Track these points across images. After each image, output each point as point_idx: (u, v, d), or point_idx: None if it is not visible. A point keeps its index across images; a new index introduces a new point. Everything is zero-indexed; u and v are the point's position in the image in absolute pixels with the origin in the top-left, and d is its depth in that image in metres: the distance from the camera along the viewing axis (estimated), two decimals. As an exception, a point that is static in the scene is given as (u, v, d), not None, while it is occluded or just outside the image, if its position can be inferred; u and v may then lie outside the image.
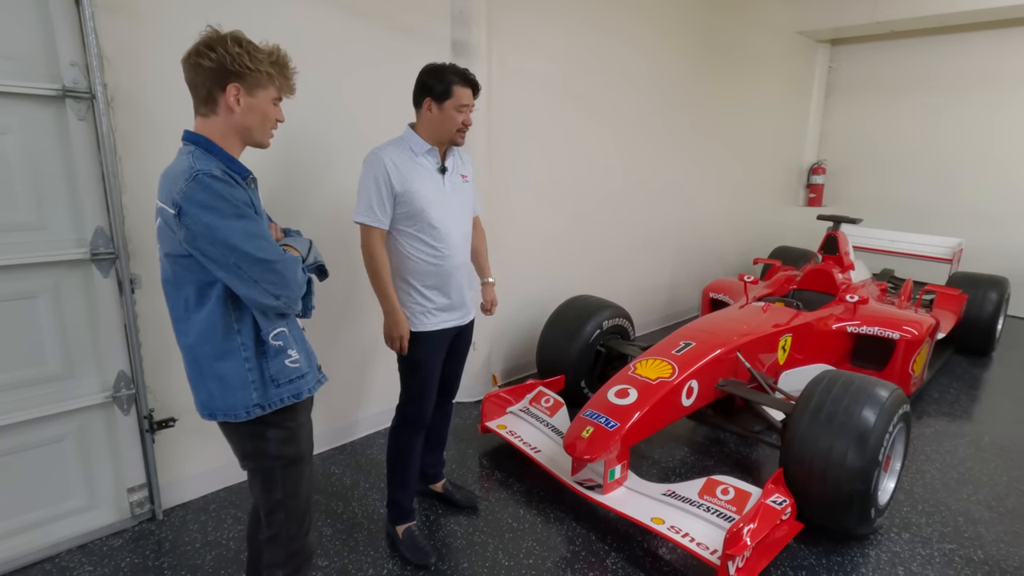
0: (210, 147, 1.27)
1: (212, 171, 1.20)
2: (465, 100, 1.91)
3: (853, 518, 2.14)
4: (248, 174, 1.33)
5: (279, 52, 1.34)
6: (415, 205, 1.92)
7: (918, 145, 6.07)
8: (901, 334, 3.22)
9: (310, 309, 1.42)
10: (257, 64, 1.27)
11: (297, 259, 1.32)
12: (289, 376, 1.35)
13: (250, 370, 1.30)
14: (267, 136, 1.38)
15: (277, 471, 1.39)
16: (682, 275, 5.23)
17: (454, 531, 2.30)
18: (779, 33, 5.79)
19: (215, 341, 1.28)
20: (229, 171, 1.24)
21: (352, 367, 2.92)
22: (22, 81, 1.80)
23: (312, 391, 1.42)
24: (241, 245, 1.20)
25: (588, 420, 2.33)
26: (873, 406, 2.14)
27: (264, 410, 1.32)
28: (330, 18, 2.50)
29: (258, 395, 1.31)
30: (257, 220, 1.24)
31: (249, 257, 1.20)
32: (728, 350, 2.73)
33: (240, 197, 1.22)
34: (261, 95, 1.31)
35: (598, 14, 3.78)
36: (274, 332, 1.32)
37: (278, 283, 1.25)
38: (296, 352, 1.36)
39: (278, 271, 1.24)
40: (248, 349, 1.30)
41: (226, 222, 1.19)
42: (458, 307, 2.09)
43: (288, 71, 1.35)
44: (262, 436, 1.36)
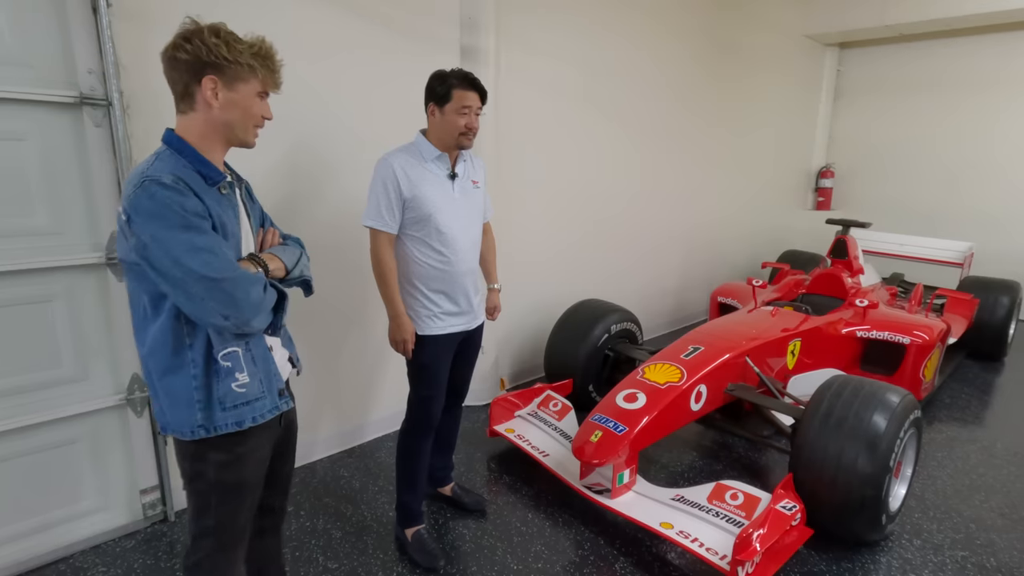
0: (181, 148, 1.20)
1: (161, 178, 1.11)
2: (466, 102, 1.90)
3: (864, 524, 2.13)
4: (221, 179, 1.23)
5: (263, 43, 1.24)
6: (423, 210, 1.93)
7: (927, 148, 6.04)
8: (912, 339, 3.20)
9: (279, 328, 1.31)
10: (236, 55, 1.19)
11: (253, 277, 1.20)
12: (235, 401, 1.25)
13: (197, 388, 1.22)
14: (251, 134, 1.29)
15: (213, 496, 1.29)
16: (690, 279, 5.22)
17: (463, 535, 2.30)
18: (787, 36, 5.78)
19: (165, 355, 1.21)
20: (182, 179, 1.13)
21: (361, 370, 2.93)
22: (41, 88, 1.84)
23: (261, 419, 1.29)
24: (185, 259, 1.10)
25: (597, 424, 2.33)
26: (884, 411, 2.12)
27: (208, 432, 1.23)
28: (341, 24, 2.53)
29: (203, 416, 1.23)
30: (206, 233, 1.14)
31: (193, 273, 1.11)
32: (737, 355, 2.73)
33: (191, 207, 1.12)
34: (242, 89, 1.22)
35: (606, 19, 3.79)
36: (224, 351, 1.23)
37: (225, 302, 1.14)
38: (246, 376, 1.26)
39: (226, 290, 1.13)
40: (197, 366, 1.21)
41: (170, 233, 1.10)
42: (465, 312, 2.09)
43: (273, 63, 1.26)
44: (203, 458, 1.27)
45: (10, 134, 1.82)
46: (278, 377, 1.36)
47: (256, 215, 1.41)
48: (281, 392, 1.36)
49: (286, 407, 1.37)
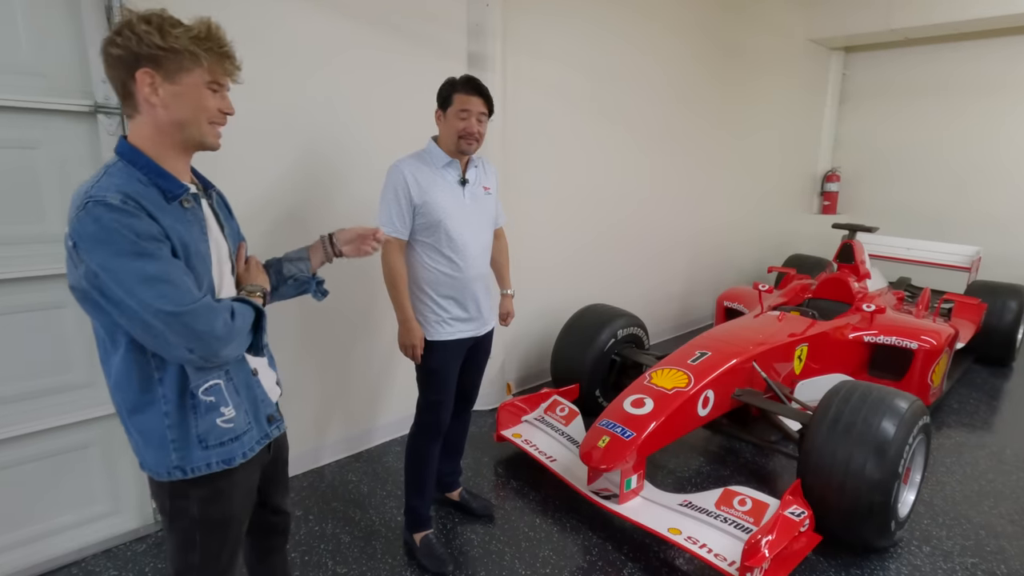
0: (135, 158, 1.06)
1: (107, 198, 0.97)
2: (465, 106, 1.91)
3: (873, 530, 2.13)
4: (182, 192, 1.09)
5: (207, 26, 1.08)
6: (433, 216, 1.95)
7: (934, 152, 6.03)
8: (920, 344, 3.20)
9: (262, 348, 1.20)
10: (172, 41, 1.03)
11: (215, 306, 1.06)
12: (220, 438, 1.14)
13: (170, 427, 1.11)
14: (208, 133, 1.12)
15: (197, 533, 1.20)
16: (696, 283, 5.22)
17: (471, 539, 2.31)
18: (792, 40, 5.79)
19: (131, 391, 1.09)
20: (131, 197, 1.00)
21: (369, 375, 2.95)
22: (56, 97, 1.86)
23: (251, 453, 1.21)
24: (138, 291, 0.98)
25: (604, 430, 2.33)
26: (892, 417, 2.12)
27: (186, 474, 1.13)
28: (350, 32, 2.55)
29: (178, 456, 1.12)
30: (161, 259, 1.00)
31: (148, 306, 0.98)
32: (744, 360, 2.73)
33: (143, 230, 0.99)
34: (185, 80, 1.06)
35: (612, 25, 3.81)
36: (206, 385, 1.12)
37: (187, 336, 1.01)
38: (231, 409, 1.16)
39: (186, 323, 1.01)
40: (170, 403, 1.10)
41: (120, 261, 0.97)
42: (475, 318, 2.11)
43: (221, 46, 1.09)
44: (184, 494, 1.16)
45: (25, 142, 1.85)
46: (266, 402, 1.26)
47: (233, 228, 1.30)
48: (271, 418, 1.27)
49: (277, 433, 1.28)
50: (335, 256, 1.46)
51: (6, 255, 1.87)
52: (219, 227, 1.23)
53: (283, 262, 1.42)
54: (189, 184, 1.14)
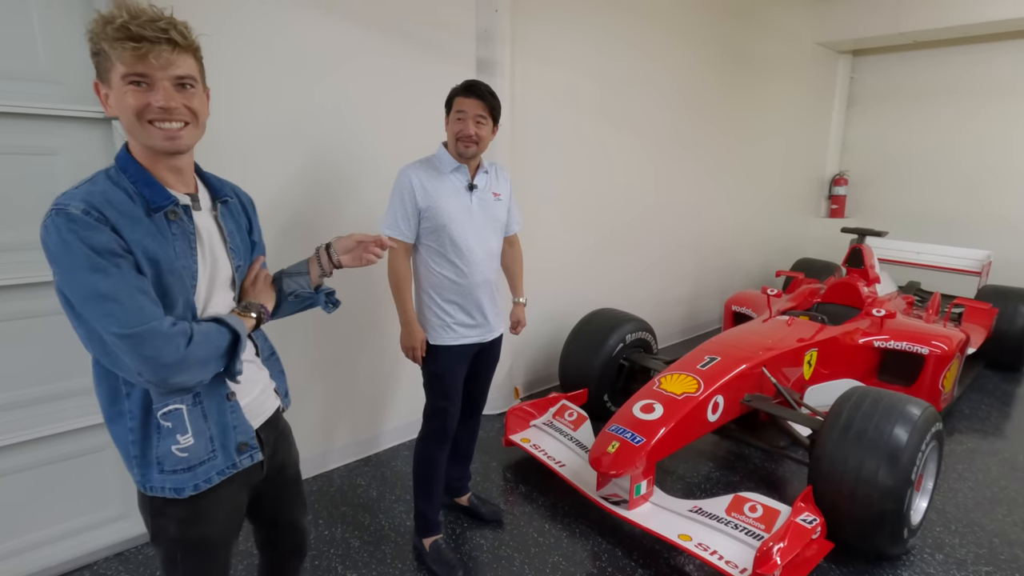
0: (126, 165, 1.03)
1: (69, 208, 0.94)
2: (461, 107, 1.92)
3: (885, 538, 2.11)
4: (166, 203, 1.04)
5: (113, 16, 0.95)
6: (438, 221, 1.96)
7: (943, 155, 5.99)
8: (930, 349, 3.17)
9: (236, 374, 1.10)
10: (96, 43, 0.96)
11: (168, 332, 0.98)
12: (173, 466, 1.09)
13: (134, 443, 1.07)
14: (148, 134, 1.00)
15: (178, 553, 1.16)
16: (703, 287, 5.21)
17: (480, 545, 2.31)
18: (799, 44, 5.78)
19: (103, 401, 1.08)
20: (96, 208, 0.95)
21: (377, 379, 2.96)
22: (73, 105, 1.89)
23: (206, 485, 1.12)
24: (87, 307, 0.95)
25: (614, 435, 2.33)
26: (905, 424, 2.11)
27: (147, 492, 1.10)
28: (359, 38, 2.57)
29: (139, 473, 1.09)
30: (113, 276, 0.94)
31: (97, 324, 0.95)
32: (753, 365, 2.72)
33: (100, 244, 0.94)
34: (113, 80, 0.98)
35: (619, 30, 3.82)
36: (165, 409, 1.07)
37: (134, 359, 0.96)
38: (189, 437, 1.09)
39: (131, 346, 0.95)
40: (135, 419, 1.06)
41: (76, 275, 0.94)
42: (480, 324, 2.10)
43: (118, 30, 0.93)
44: (162, 513, 1.13)
45: (44, 149, 1.87)
46: (241, 429, 1.17)
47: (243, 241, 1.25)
48: (243, 446, 1.17)
49: (248, 463, 1.18)
50: (334, 267, 1.35)
51: (27, 260, 1.89)
52: (222, 240, 1.17)
53: (283, 277, 1.34)
54: (180, 195, 1.08)
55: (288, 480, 1.39)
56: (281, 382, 1.37)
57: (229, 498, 1.18)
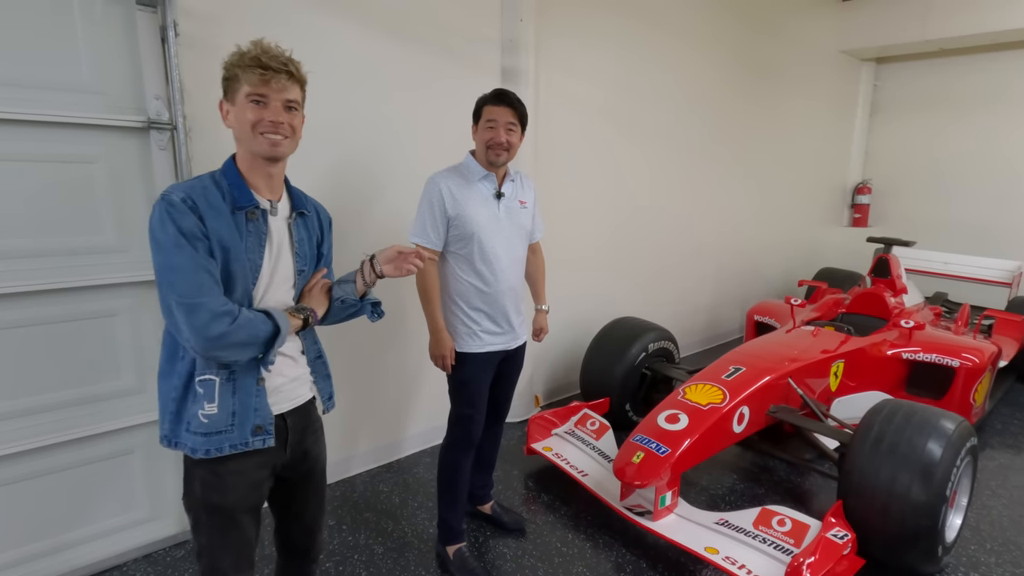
0: (227, 169, 1.25)
1: (171, 195, 1.15)
2: (491, 116, 1.94)
3: (919, 555, 2.06)
4: (248, 204, 1.23)
5: (252, 44, 1.21)
6: (466, 229, 1.97)
7: (971, 164, 5.88)
8: (961, 361, 3.10)
9: (268, 363, 1.25)
10: (229, 70, 1.21)
11: (219, 310, 1.14)
12: (196, 428, 1.22)
13: (174, 399, 1.23)
14: (256, 142, 1.21)
15: (201, 514, 1.28)
16: (724, 297, 5.16)
17: (503, 553, 2.30)
18: (822, 52, 5.73)
19: (165, 356, 1.25)
20: (191, 198, 1.15)
21: (400, 385, 2.97)
22: (112, 114, 1.94)
23: (218, 453, 1.23)
24: (162, 274, 1.14)
25: (638, 445, 2.31)
26: (939, 438, 2.06)
27: (170, 444, 1.25)
28: (390, 48, 2.61)
29: (169, 427, 1.24)
30: (187, 253, 1.12)
31: (164, 290, 1.13)
32: (779, 376, 2.68)
33: (186, 226, 1.13)
34: (237, 99, 1.21)
35: (640, 37, 3.82)
36: (202, 377, 1.21)
37: (182, 326, 1.13)
38: (215, 407, 1.21)
39: (183, 313, 1.12)
40: (181, 379, 1.22)
41: (160, 249, 1.13)
42: (506, 331, 2.11)
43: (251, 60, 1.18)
44: (190, 473, 1.28)
45: (83, 157, 1.92)
46: (260, 413, 1.27)
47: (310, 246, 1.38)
48: (258, 429, 1.26)
49: (259, 445, 1.27)
50: (376, 277, 1.46)
51: (65, 265, 1.94)
52: (290, 245, 1.32)
53: (334, 284, 1.46)
54: (264, 200, 1.27)
55: (310, 473, 1.46)
56: (326, 385, 1.46)
57: (248, 471, 1.28)
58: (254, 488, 1.31)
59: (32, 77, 1.81)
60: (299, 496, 1.46)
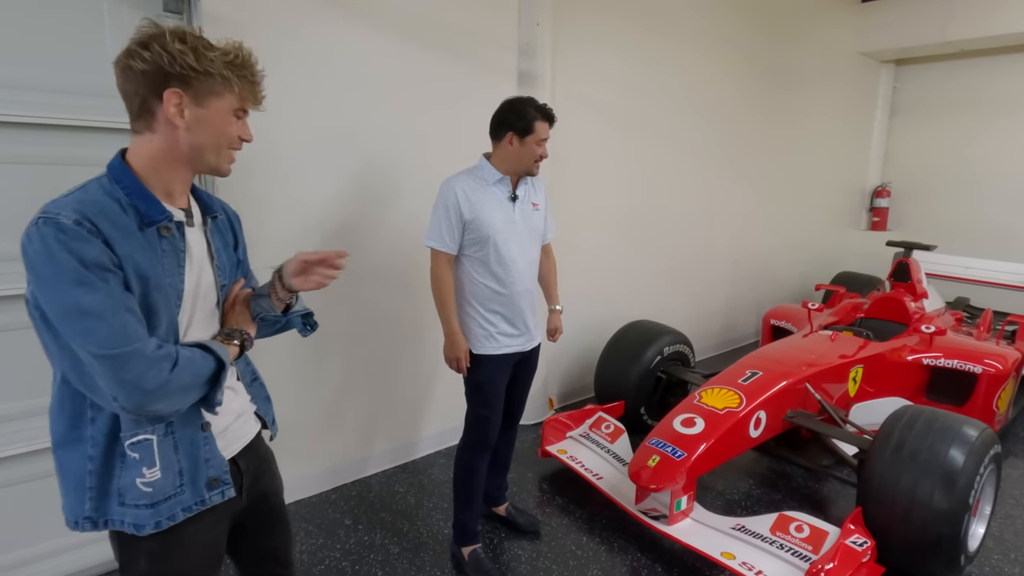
0: (120, 175, 0.99)
1: (59, 217, 0.89)
2: (544, 134, 1.99)
3: (940, 564, 2.03)
4: (161, 218, 0.99)
5: (240, 51, 1.03)
6: (483, 232, 1.98)
7: (993, 167, 5.78)
8: (984, 368, 3.05)
9: (215, 405, 1.04)
10: (207, 65, 0.98)
11: (152, 356, 0.92)
12: (136, 500, 1.00)
13: (91, 472, 0.99)
14: (224, 159, 1.07)
15: None
16: (739, 300, 5.12)
17: (518, 555, 2.30)
18: (840, 54, 5.68)
19: (61, 424, 1.00)
20: (89, 219, 0.90)
21: (415, 387, 2.99)
22: (137, 118, 1.98)
23: (169, 522, 1.03)
24: (67, 322, 0.89)
25: (654, 449, 2.30)
26: (961, 445, 2.03)
27: (96, 527, 1.02)
28: (409, 54, 2.64)
29: (92, 507, 1.01)
30: (100, 292, 0.89)
31: (75, 341, 0.90)
32: (796, 380, 2.66)
33: (89, 257, 0.88)
34: (214, 105, 1.01)
35: (655, 42, 3.82)
36: (134, 439, 0.99)
37: (112, 383, 0.90)
38: (156, 471, 1.01)
39: (110, 368, 0.89)
40: (97, 446, 0.99)
41: (57, 288, 0.88)
42: (522, 333, 2.12)
43: (252, 74, 1.05)
44: (132, 546, 1.05)
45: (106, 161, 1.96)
46: (212, 463, 1.08)
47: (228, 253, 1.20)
48: (214, 482, 1.08)
49: (217, 499, 1.09)
50: (289, 292, 1.19)
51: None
52: (209, 258, 1.12)
53: (252, 299, 1.22)
54: (175, 210, 1.05)
55: (272, 509, 1.30)
56: (267, 409, 1.30)
57: (204, 530, 1.10)
58: (212, 548, 1.14)
59: (60, 82, 1.86)
60: (264, 537, 1.30)
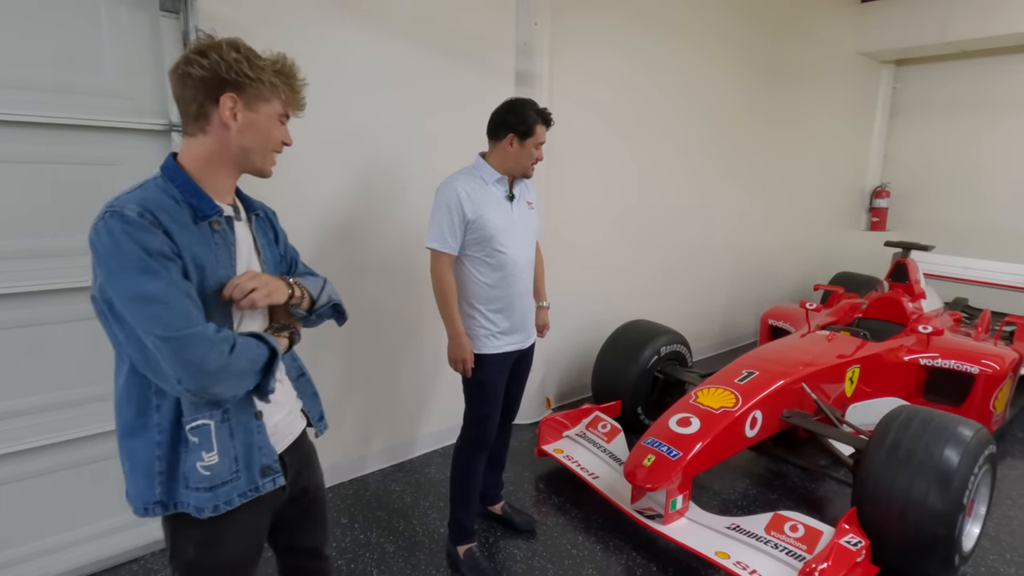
0: (175, 174, 1.06)
1: (124, 210, 0.96)
2: (542, 138, 2.01)
3: (935, 564, 2.03)
4: (213, 213, 1.07)
5: (285, 60, 1.12)
6: (485, 232, 1.99)
7: (992, 168, 5.77)
8: (981, 368, 3.05)
9: (268, 393, 1.10)
10: (258, 73, 1.07)
11: (214, 338, 0.98)
12: (197, 483, 1.06)
13: (160, 458, 1.05)
14: (269, 161, 1.16)
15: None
16: (738, 301, 5.12)
17: (513, 554, 2.31)
18: (840, 54, 5.67)
19: (128, 413, 1.05)
20: (151, 211, 0.98)
21: (414, 386, 2.99)
22: (137, 117, 1.99)
23: (227, 507, 1.08)
24: (133, 308, 0.94)
25: (650, 448, 2.31)
26: (956, 445, 2.03)
27: (167, 509, 1.07)
28: (408, 55, 2.64)
29: (162, 491, 1.06)
30: (164, 279, 0.95)
31: (142, 326, 0.94)
32: (793, 380, 2.66)
33: (153, 246, 0.95)
34: (263, 110, 1.10)
35: (653, 41, 3.81)
36: (193, 424, 1.04)
37: (175, 365, 0.95)
38: (215, 455, 1.06)
39: (174, 351, 0.94)
40: (164, 432, 1.04)
41: (123, 277, 0.94)
42: (520, 330, 2.13)
43: (296, 83, 1.14)
44: (183, 533, 1.10)
45: (108, 159, 1.97)
46: (264, 451, 1.14)
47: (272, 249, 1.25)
48: (266, 469, 1.13)
49: (270, 487, 1.14)
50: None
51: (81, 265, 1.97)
52: (256, 253, 1.18)
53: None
54: (225, 206, 1.12)
55: (312, 504, 1.35)
56: (314, 405, 1.34)
57: (249, 522, 1.15)
58: (256, 539, 1.20)
59: (59, 82, 1.86)
60: (303, 531, 1.36)
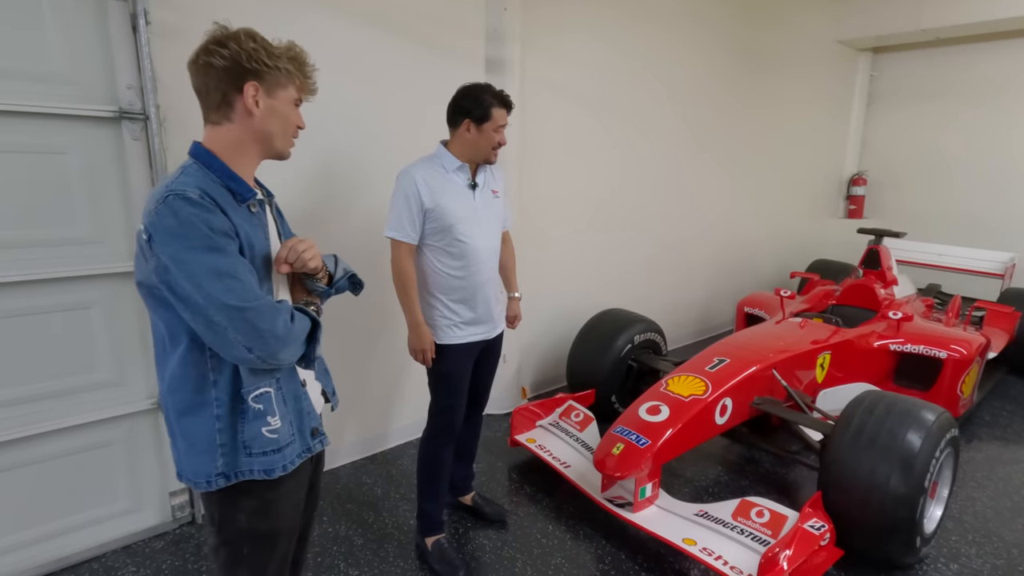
0: (210, 161, 1.11)
1: (187, 192, 1.02)
2: (502, 121, 1.96)
3: (897, 546, 2.06)
4: (251, 196, 1.14)
5: (296, 48, 1.18)
6: (444, 221, 1.95)
7: (967, 155, 5.84)
8: (949, 353, 3.09)
9: (314, 360, 1.18)
10: (276, 61, 1.12)
11: (278, 306, 1.08)
12: (264, 447, 1.13)
13: (220, 431, 1.11)
14: (289, 144, 1.23)
15: (245, 547, 1.19)
16: (716, 289, 5.14)
17: (483, 545, 2.30)
18: (818, 42, 5.68)
19: (185, 392, 1.10)
20: (208, 194, 1.05)
21: (384, 379, 2.96)
22: (84, 104, 1.92)
23: (291, 467, 1.18)
24: (206, 284, 1.00)
25: (619, 437, 2.30)
26: (918, 429, 2.05)
27: (229, 480, 1.13)
28: (371, 38, 2.58)
29: (224, 462, 1.12)
30: (231, 255, 1.03)
31: (215, 300, 1.00)
32: (764, 367, 2.67)
33: (217, 225, 1.03)
34: (281, 96, 1.15)
35: (629, 27, 3.78)
36: (256, 392, 1.12)
37: (248, 334, 1.03)
38: (278, 420, 1.15)
39: (249, 320, 1.02)
40: (223, 406, 1.11)
41: (193, 255, 1.00)
42: (484, 321, 2.10)
43: (307, 69, 1.20)
44: (233, 503, 1.16)
45: (55, 148, 1.91)
46: (311, 415, 1.24)
47: (286, 233, 1.33)
48: (314, 431, 1.25)
49: (320, 447, 1.26)
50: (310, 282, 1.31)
51: (38, 257, 1.92)
52: (278, 234, 1.26)
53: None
54: (256, 189, 1.18)
55: (317, 481, 1.41)
56: (327, 381, 1.39)
57: (294, 491, 1.24)
58: (297, 507, 1.27)
59: (1, 67, 1.79)
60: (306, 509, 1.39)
